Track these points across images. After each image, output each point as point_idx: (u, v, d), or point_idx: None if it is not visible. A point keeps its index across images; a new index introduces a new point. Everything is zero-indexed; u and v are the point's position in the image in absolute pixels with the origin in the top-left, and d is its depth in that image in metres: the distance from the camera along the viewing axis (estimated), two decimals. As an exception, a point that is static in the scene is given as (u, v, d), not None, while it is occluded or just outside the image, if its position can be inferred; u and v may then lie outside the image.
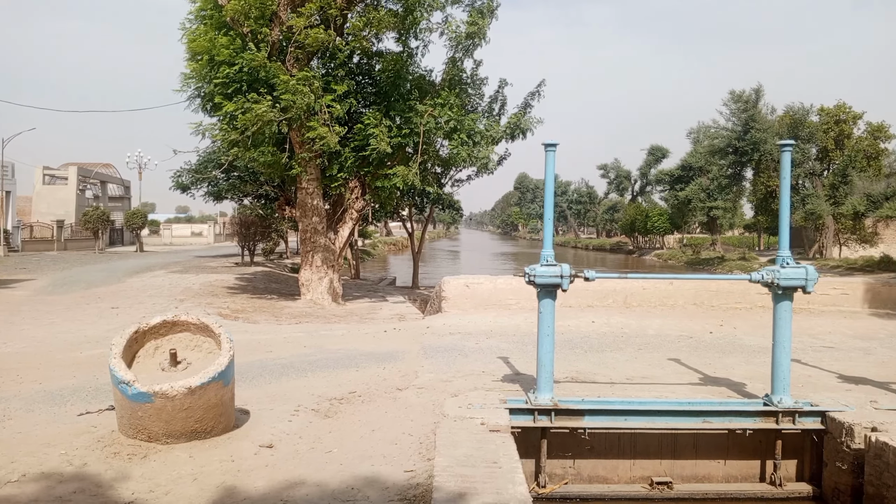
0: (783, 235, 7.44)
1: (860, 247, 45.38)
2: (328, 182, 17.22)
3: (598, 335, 11.89)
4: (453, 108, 15.60)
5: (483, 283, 14.99)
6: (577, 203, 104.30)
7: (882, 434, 6.41)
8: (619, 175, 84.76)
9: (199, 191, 32.22)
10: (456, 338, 11.50)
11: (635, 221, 69.09)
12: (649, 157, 74.31)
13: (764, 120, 43.03)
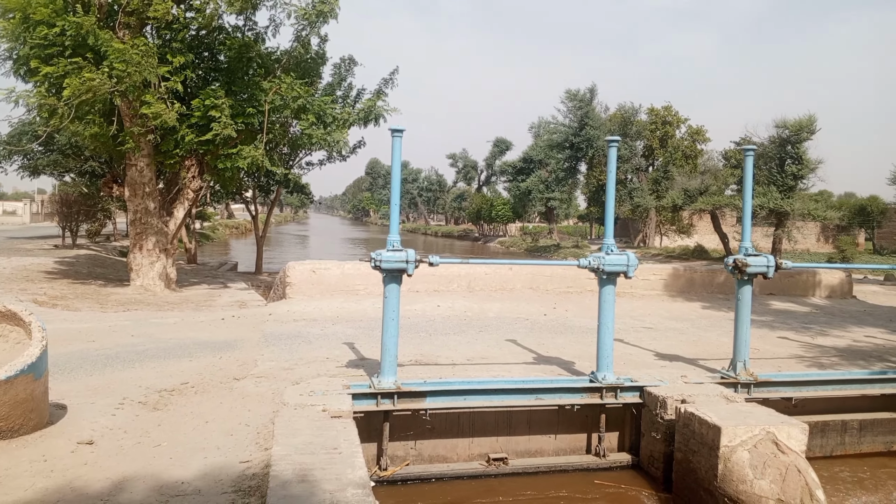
0: (608, 225, 8.00)
1: (678, 237, 50.23)
2: (162, 159, 16.08)
3: (443, 319, 12.16)
4: (302, 87, 15.14)
5: (330, 269, 14.78)
6: (428, 191, 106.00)
7: (689, 405, 7.13)
8: (466, 165, 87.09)
9: (11, 165, 28.88)
10: (300, 324, 11.24)
11: (481, 210, 71.54)
12: (494, 148, 77.01)
13: (597, 118, 46.14)
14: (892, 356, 10.22)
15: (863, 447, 8.60)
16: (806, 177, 32.10)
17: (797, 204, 31.24)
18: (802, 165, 31.47)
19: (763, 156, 32.68)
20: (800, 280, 18.15)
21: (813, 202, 33.53)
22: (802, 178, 32.04)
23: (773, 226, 32.85)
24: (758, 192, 31.45)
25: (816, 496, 6.03)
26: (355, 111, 17.54)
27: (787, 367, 9.26)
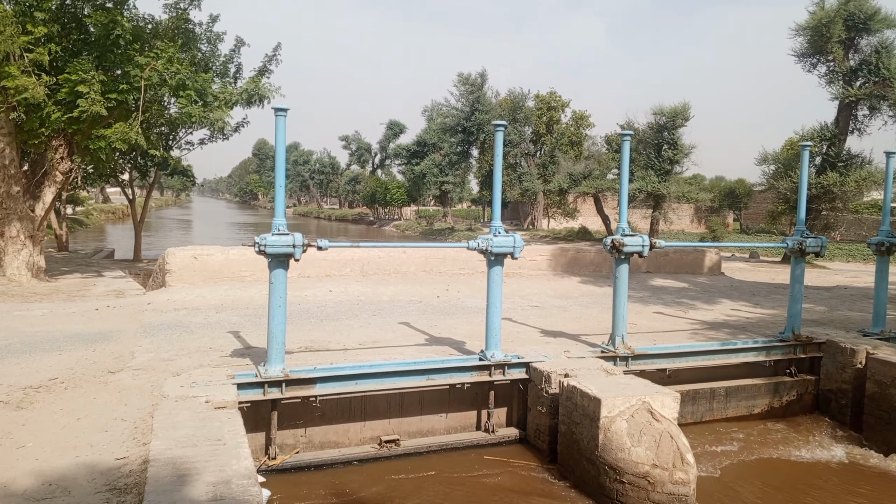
0: (496, 208, 8.17)
1: (565, 219, 52.15)
2: (26, 138, 14.78)
3: (335, 304, 12.02)
4: (181, 63, 14.33)
5: (214, 255, 14.20)
6: (320, 173, 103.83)
7: (572, 379, 7.45)
8: (360, 147, 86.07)
9: None
10: (181, 314, 10.75)
11: (376, 193, 71.05)
12: (388, 131, 76.56)
13: (488, 102, 46.87)
14: (754, 327, 11.12)
15: (729, 412, 9.34)
16: (681, 161, 34.14)
17: (673, 187, 33.23)
18: (678, 150, 33.44)
19: (642, 141, 34.47)
20: (674, 258, 19.36)
21: (687, 185, 35.78)
22: (678, 163, 34.06)
23: (652, 208, 34.78)
24: (637, 176, 33.23)
25: (687, 459, 6.49)
26: (238, 90, 16.82)
27: (662, 339, 9.87)
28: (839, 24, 25.66)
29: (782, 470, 8.02)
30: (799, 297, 9.79)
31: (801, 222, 9.93)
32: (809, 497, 7.33)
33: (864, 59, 26.05)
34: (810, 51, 27.25)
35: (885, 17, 25.74)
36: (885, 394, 8.74)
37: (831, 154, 26.75)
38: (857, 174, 25.72)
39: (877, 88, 25.50)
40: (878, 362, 8.93)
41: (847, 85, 25.99)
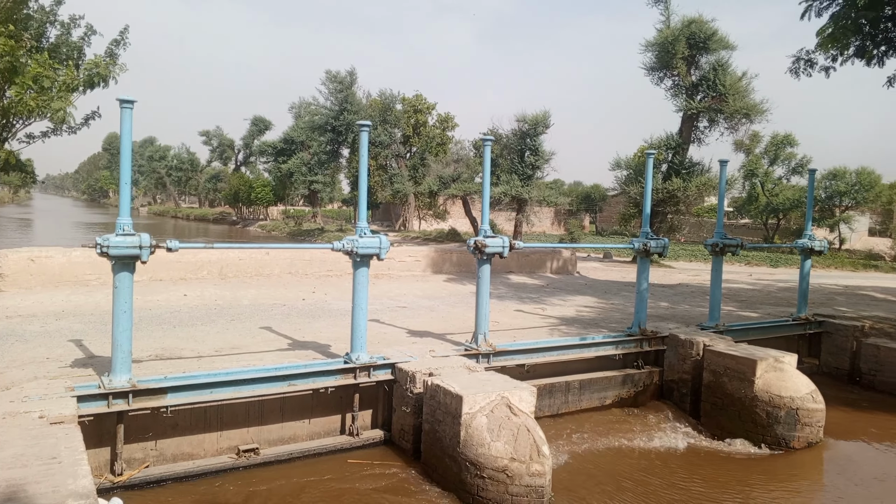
0: (362, 209, 8.11)
1: (435, 221, 52.86)
2: None
3: (190, 308, 11.40)
4: (9, 44, 12.97)
5: (54, 257, 13.02)
6: (178, 170, 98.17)
7: (436, 378, 7.54)
8: (222, 143, 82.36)
9: None
10: (14, 322, 9.74)
11: (239, 192, 68.24)
12: (253, 127, 73.86)
13: (358, 102, 46.55)
14: (606, 323, 11.82)
15: (583, 404, 9.85)
16: (542, 167, 35.67)
17: (535, 191, 34.66)
18: (539, 156, 34.91)
19: (507, 147, 35.69)
20: (534, 258, 20.19)
21: (548, 190, 37.46)
22: (539, 168, 35.57)
23: (516, 210, 36.09)
24: (502, 181, 34.36)
25: (542, 451, 6.76)
26: (80, 75, 15.46)
27: (522, 336, 10.23)
28: (682, 43, 27.94)
29: (631, 456, 8.58)
30: (645, 295, 10.52)
31: (646, 225, 10.68)
32: (655, 478, 7.89)
33: (703, 75, 28.54)
34: (658, 65, 29.48)
35: (721, 38, 28.35)
36: (719, 382, 9.60)
37: (676, 162, 29.07)
38: (698, 180, 28.12)
39: (714, 102, 28.03)
40: (713, 354, 9.79)
41: (689, 98, 28.35)
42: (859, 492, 7.87)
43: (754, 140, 42.62)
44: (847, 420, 10.15)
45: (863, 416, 10.53)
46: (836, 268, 31.73)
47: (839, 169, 43.57)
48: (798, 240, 12.91)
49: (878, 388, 11.83)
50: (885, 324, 13.23)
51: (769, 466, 8.51)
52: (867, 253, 41.22)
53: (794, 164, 44.37)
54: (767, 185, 44.41)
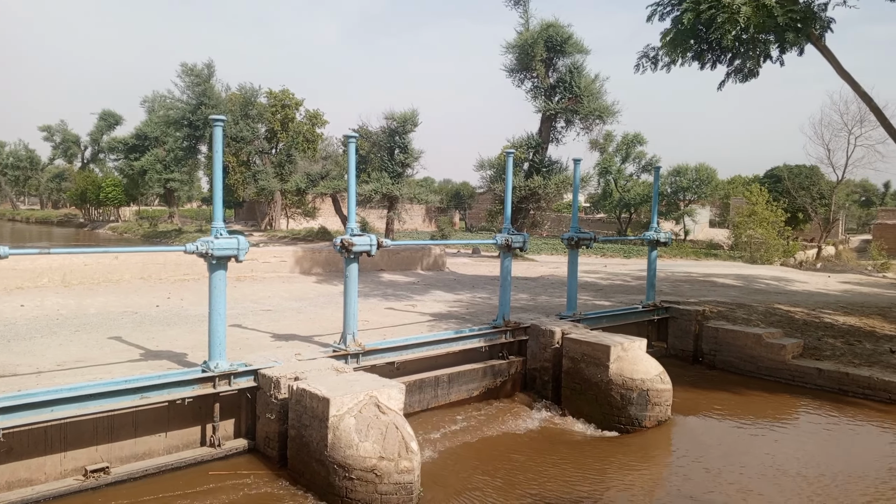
0: (217, 208, 7.73)
1: (304, 220, 51.68)
2: None
3: (28, 320, 10.38)
4: None
5: None
6: (15, 168, 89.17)
7: (302, 382, 7.35)
8: (66, 139, 75.87)
9: None
10: None
11: (87, 192, 63.10)
12: (101, 122, 68.61)
13: (217, 96, 44.45)
14: (474, 317, 12.08)
15: (452, 397, 10.01)
16: (412, 165, 35.90)
17: (405, 189, 34.83)
18: (409, 154, 35.10)
19: (376, 144, 35.59)
20: (406, 256, 20.28)
21: (419, 187, 37.78)
22: (409, 166, 35.77)
23: (387, 208, 36.09)
24: (373, 178, 34.22)
25: (411, 447, 6.78)
26: None
27: (392, 333, 10.23)
28: (541, 45, 29.12)
29: (497, 444, 8.83)
30: (508, 288, 10.86)
31: (508, 221, 11.03)
32: (520, 464, 8.16)
33: (560, 77, 29.92)
34: (518, 67, 30.54)
35: (576, 42, 29.86)
36: (577, 368, 10.11)
37: (536, 160, 30.28)
38: (557, 178, 29.48)
39: (570, 104, 29.48)
40: (571, 341, 10.28)
41: (548, 99, 29.62)
42: (704, 463, 8.57)
43: (607, 139, 45.39)
44: (692, 398, 11.04)
45: (705, 393, 11.49)
46: (681, 257, 34.50)
47: (682, 166, 47.39)
48: (645, 232, 13.86)
49: (717, 367, 12.97)
50: (722, 307, 14.55)
51: (624, 446, 9.07)
52: (708, 243, 45.16)
53: (643, 163, 47.71)
54: (620, 181, 47.41)
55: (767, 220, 35.76)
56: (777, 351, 12.20)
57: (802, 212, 45.09)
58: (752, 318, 13.93)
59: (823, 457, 9.02)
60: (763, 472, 8.19)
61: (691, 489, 7.72)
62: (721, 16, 11.93)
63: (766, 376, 12.23)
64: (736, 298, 16.05)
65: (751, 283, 20.34)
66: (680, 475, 8.31)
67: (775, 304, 15.45)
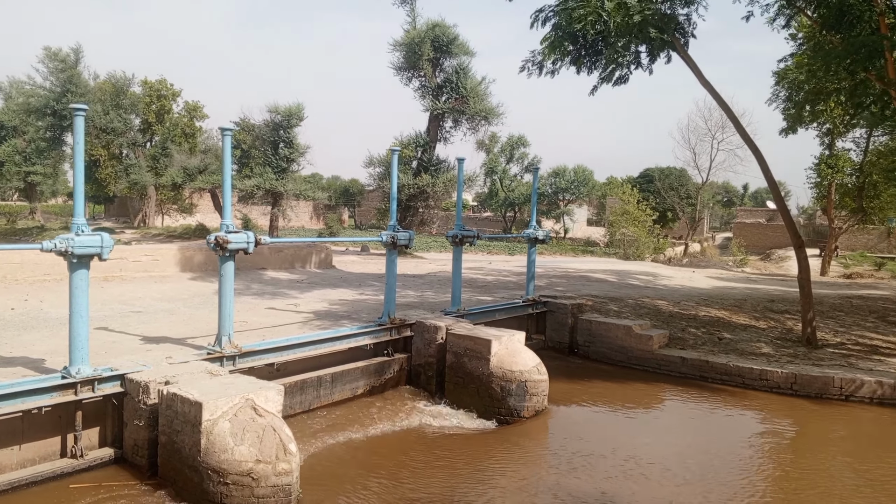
0: (78, 203, 7.24)
1: (180, 216, 49.27)
2: None
3: None
4: None
5: None
6: None
7: (173, 386, 7.01)
8: None
9: None
10: None
11: (-69, 185, 56.98)
12: (-51, 108, 62.14)
13: (84, 84, 41.44)
14: (359, 315, 12.01)
15: (335, 396, 9.90)
16: (297, 160, 35.13)
17: (290, 185, 34.03)
18: (294, 149, 34.32)
19: (259, 138, 34.53)
20: (290, 253, 19.83)
21: (305, 183, 37.04)
22: (294, 161, 34.98)
23: (271, 205, 35.10)
24: (255, 173, 33.18)
25: (289, 449, 6.65)
26: None
27: (273, 334, 9.97)
28: (428, 45, 29.36)
29: (381, 441, 8.84)
30: (393, 285, 10.89)
31: (394, 218, 11.05)
32: (402, 460, 8.21)
33: (447, 77, 30.30)
34: (406, 66, 30.65)
35: (462, 44, 30.35)
36: (460, 363, 10.30)
37: (425, 159, 30.53)
38: (445, 177, 29.87)
39: (457, 104, 29.94)
40: (454, 336, 10.46)
41: (435, 99, 29.93)
42: (579, 449, 8.98)
43: (493, 140, 46.56)
44: (567, 387, 11.54)
45: (580, 383, 12.05)
46: (561, 254, 35.98)
47: (562, 168, 49.45)
48: (525, 230, 14.34)
49: (591, 357, 13.64)
50: (596, 301, 15.31)
51: (505, 436, 9.34)
52: (586, 240, 47.39)
53: (526, 163, 49.27)
54: (505, 181, 48.75)
55: (639, 219, 38.00)
56: (645, 342, 12.99)
57: (672, 211, 48.26)
58: (624, 311, 14.76)
59: (687, 440, 9.71)
60: (632, 457, 8.70)
61: (568, 474, 8.08)
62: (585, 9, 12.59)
63: (636, 366, 13.00)
64: (609, 293, 16.94)
65: (623, 279, 21.54)
66: (557, 461, 8.66)
67: (645, 298, 16.46)
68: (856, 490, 7.90)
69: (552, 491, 7.62)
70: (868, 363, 12.30)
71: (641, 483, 7.90)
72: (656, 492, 7.65)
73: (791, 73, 18.02)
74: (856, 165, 29.84)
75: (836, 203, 31.06)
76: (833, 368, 11.83)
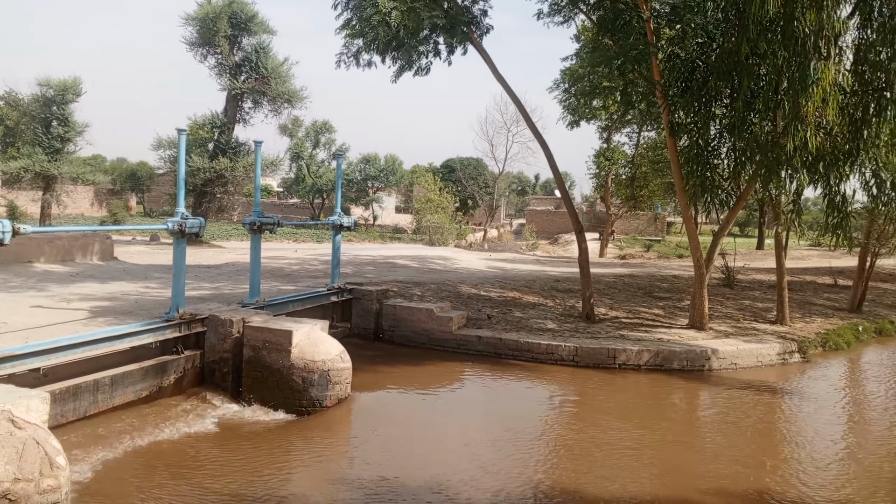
0: None
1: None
2: None
3: None
4: None
5: None
6: None
7: None
8: None
9: None
10: None
11: None
12: None
13: None
14: (144, 310, 11.05)
15: (116, 401, 8.98)
16: (74, 140, 31.45)
17: (66, 167, 30.37)
18: (69, 128, 30.67)
19: (27, 115, 30.42)
20: (64, 244, 17.73)
21: (85, 166, 33.26)
22: (70, 141, 31.27)
23: (42, 190, 31.13)
24: (23, 153, 29.19)
25: (57, 463, 5.92)
26: None
27: (38, 336, 8.82)
28: (224, 21, 27.74)
29: (172, 444, 8.21)
30: (182, 277, 10.14)
31: (181, 204, 10.27)
32: (193, 465, 7.69)
33: (246, 56, 28.89)
34: (201, 41, 28.71)
35: (262, 21, 29.10)
36: (259, 356, 9.88)
37: (222, 141, 28.91)
38: (245, 161, 28.53)
39: (258, 84, 28.69)
40: (252, 329, 10.01)
41: (233, 78, 28.40)
42: (381, 432, 9.06)
43: (296, 124, 45.33)
44: (372, 373, 11.60)
45: (384, 368, 12.16)
46: (369, 241, 36.15)
47: (371, 155, 49.61)
48: (330, 217, 14.14)
49: (396, 342, 13.85)
50: (401, 286, 15.57)
51: (307, 428, 9.14)
52: (394, 227, 48.08)
53: (334, 150, 48.71)
54: (313, 167, 47.81)
55: (442, 207, 39.35)
56: (446, 323, 13.47)
57: (472, 199, 50.60)
58: (427, 295, 15.18)
59: (486, 414, 10.23)
60: (435, 437, 8.97)
61: (370, 456, 8.11)
62: (375, 18, 12.70)
63: (438, 347, 13.43)
64: (413, 278, 17.34)
65: (427, 264, 22.19)
66: (359, 445, 8.70)
67: (447, 282, 17.07)
68: (620, 440, 8.87)
69: (354, 475, 7.63)
70: (637, 333, 13.85)
71: (443, 456, 8.18)
72: (457, 464, 7.96)
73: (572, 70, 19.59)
74: (629, 158, 33.45)
75: (612, 192, 34.60)
76: (608, 340, 13.16)
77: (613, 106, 23.74)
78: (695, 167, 13.74)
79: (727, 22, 12.09)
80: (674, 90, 13.71)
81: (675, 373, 12.44)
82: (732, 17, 11.68)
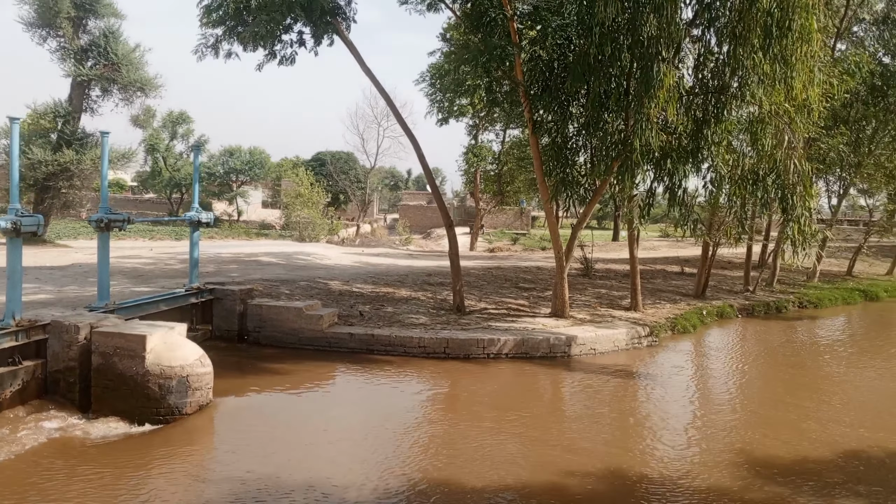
0: None
1: None
2: None
3: None
4: None
5: None
6: None
7: None
8: None
9: None
10: None
11: None
12: None
13: None
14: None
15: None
16: None
17: None
18: None
19: None
20: None
21: None
22: None
23: None
24: None
25: None
26: None
27: None
28: (67, 1, 25.45)
29: (6, 466, 7.44)
30: (19, 280, 9.20)
31: (15, 200, 9.33)
32: (34, 485, 7.02)
33: (93, 40, 26.67)
34: (40, 22, 26.16)
35: (109, 4, 26.97)
36: (109, 364, 9.17)
37: (67, 132, 26.56)
38: (93, 153, 26.37)
39: (107, 71, 26.58)
40: (101, 335, 9.27)
41: (79, 64, 26.14)
42: (245, 436, 8.72)
43: (148, 114, 42.46)
44: (236, 376, 11.13)
45: (250, 370, 11.71)
46: (234, 237, 34.69)
47: (235, 147, 47.58)
48: (186, 213, 13.39)
49: (262, 343, 13.38)
50: (267, 285, 15.06)
51: (166, 438, 8.61)
52: (261, 223, 46.43)
53: (192, 141, 46.20)
54: (170, 160, 45.11)
55: (312, 201, 38.54)
56: (316, 321, 13.19)
57: (344, 194, 49.97)
58: (295, 294, 14.80)
59: (358, 412, 10.11)
60: (304, 438, 8.75)
61: (232, 463, 7.77)
62: None
63: (308, 346, 13.13)
64: (281, 276, 16.85)
65: (296, 261, 21.65)
66: (221, 452, 8.32)
67: (317, 279, 16.74)
68: (497, 426, 9.12)
69: (215, 483, 7.27)
70: (504, 324, 14.29)
71: (312, 459, 8.00)
72: (329, 464, 7.81)
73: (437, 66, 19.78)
74: (496, 155, 34.42)
75: (481, 188, 35.48)
76: (478, 331, 13.47)
77: (480, 104, 24.31)
78: (555, 164, 14.36)
79: (581, 24, 12.70)
80: (535, 90, 14.23)
81: (539, 360, 12.96)
82: (586, 20, 12.29)
